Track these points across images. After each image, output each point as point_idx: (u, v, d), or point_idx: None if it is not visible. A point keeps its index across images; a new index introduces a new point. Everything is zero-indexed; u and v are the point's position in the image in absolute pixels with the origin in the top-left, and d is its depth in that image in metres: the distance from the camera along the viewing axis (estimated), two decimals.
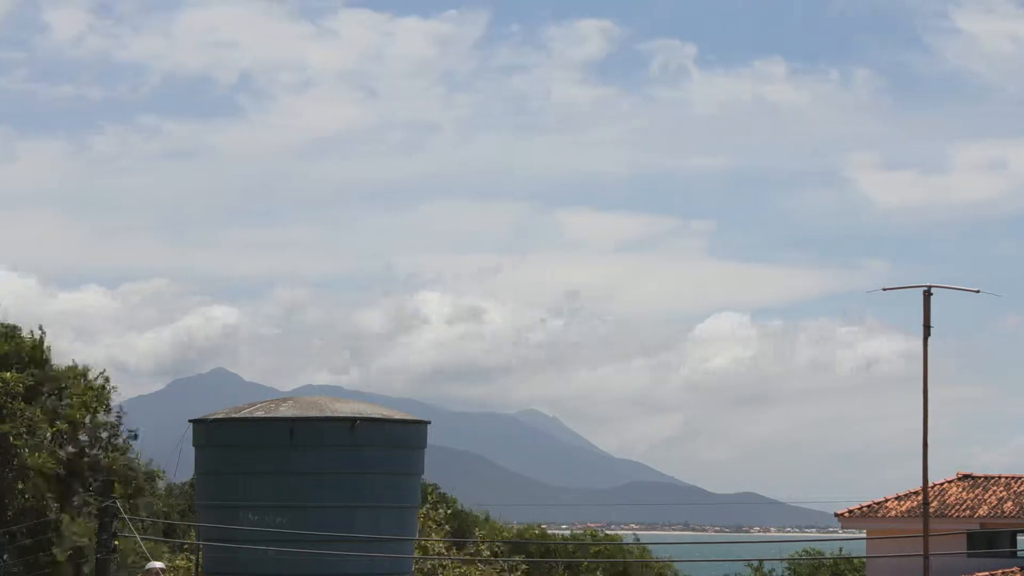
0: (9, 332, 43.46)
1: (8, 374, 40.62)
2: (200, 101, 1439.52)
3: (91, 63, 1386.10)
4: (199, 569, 33.93)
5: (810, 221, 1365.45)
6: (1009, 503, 48.70)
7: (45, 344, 43.52)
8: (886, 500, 50.60)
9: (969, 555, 46.84)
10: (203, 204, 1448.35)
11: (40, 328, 43.83)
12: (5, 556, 40.47)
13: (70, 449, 42.91)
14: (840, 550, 69.56)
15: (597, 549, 72.16)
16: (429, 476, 44.24)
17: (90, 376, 44.42)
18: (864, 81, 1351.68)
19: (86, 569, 41.36)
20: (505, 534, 71.83)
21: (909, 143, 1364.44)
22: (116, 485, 33.37)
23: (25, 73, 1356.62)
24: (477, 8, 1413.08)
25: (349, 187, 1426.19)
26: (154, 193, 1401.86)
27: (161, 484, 53.57)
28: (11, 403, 40.18)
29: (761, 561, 74.08)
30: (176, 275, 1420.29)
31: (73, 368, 44.00)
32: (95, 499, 38.27)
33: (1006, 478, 51.11)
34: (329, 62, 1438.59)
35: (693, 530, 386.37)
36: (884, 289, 30.73)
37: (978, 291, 31.02)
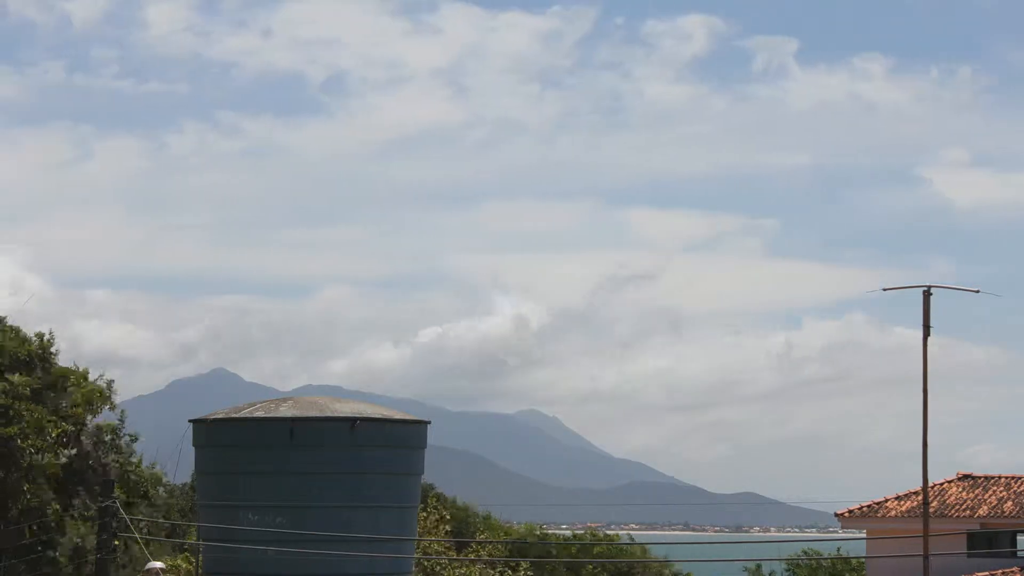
0: (16, 333, 43.45)
1: (16, 376, 40.61)
2: (287, 99, 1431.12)
3: (183, 60, 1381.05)
4: (199, 569, 33.94)
5: (881, 220, 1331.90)
6: (1009, 503, 48.70)
7: (52, 346, 43.50)
8: (886, 500, 50.60)
9: (969, 555, 46.83)
10: (265, 203, 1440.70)
11: (50, 332, 43.80)
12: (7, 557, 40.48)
13: (72, 451, 42.92)
14: (838, 550, 69.50)
15: (599, 550, 72.15)
16: (429, 476, 44.24)
17: (92, 377, 44.40)
18: (967, 79, 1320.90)
19: (87, 569, 41.38)
20: (507, 533, 71.81)
21: (1003, 142, 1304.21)
22: (117, 487, 33.36)
23: (115, 70, 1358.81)
24: (584, 4, 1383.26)
25: (415, 187, 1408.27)
26: (218, 192, 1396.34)
27: (162, 490, 53.51)
28: (17, 404, 40.18)
29: (759, 563, 74.02)
30: (215, 276, 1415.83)
31: (75, 371, 43.97)
32: (96, 499, 38.29)
33: (1006, 478, 51.12)
34: (425, 59, 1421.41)
35: (693, 530, 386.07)
36: (884, 289, 30.73)
37: (978, 291, 31.05)
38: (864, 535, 52.06)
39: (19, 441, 39.68)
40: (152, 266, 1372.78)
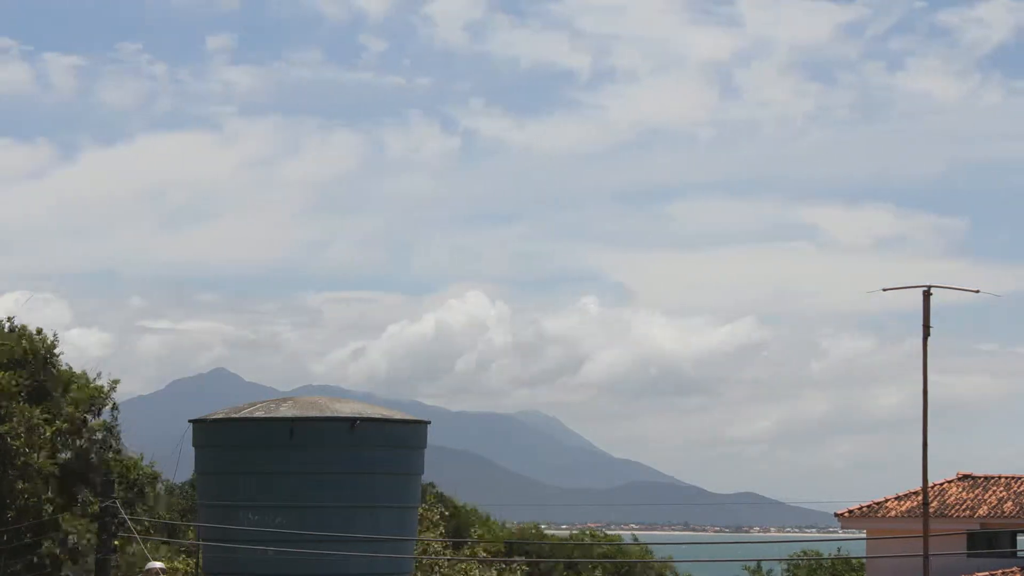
0: (14, 333, 43.44)
1: (2, 373, 40.59)
2: (540, 95, 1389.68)
3: (449, 54, 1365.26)
4: (199, 569, 33.94)
5: None
6: (1009, 503, 48.70)
7: (54, 346, 43.49)
8: (886, 500, 50.61)
9: (969, 555, 46.83)
10: (451, 204, 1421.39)
11: (54, 335, 43.79)
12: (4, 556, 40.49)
13: (68, 453, 42.93)
14: (838, 550, 69.56)
15: (600, 551, 72.14)
16: (429, 476, 44.27)
17: (91, 378, 44.40)
18: None
19: (84, 568, 41.38)
20: (503, 533, 71.82)
21: None
22: (116, 486, 33.36)
23: (367, 64, 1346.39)
24: None
25: (615, 185, 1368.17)
26: (413, 191, 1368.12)
27: (161, 487, 53.48)
28: (7, 403, 40.17)
29: (759, 562, 74.04)
30: (360, 276, 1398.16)
31: (75, 372, 43.98)
32: (95, 499, 38.28)
33: (1006, 478, 51.11)
34: (706, 52, 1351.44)
35: (693, 530, 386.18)
36: (884, 289, 30.62)
37: (978, 291, 30.99)
38: (864, 535, 52.07)
39: (10, 440, 39.67)
40: (300, 268, 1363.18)
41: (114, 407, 44.20)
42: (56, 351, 43.49)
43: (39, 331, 43.61)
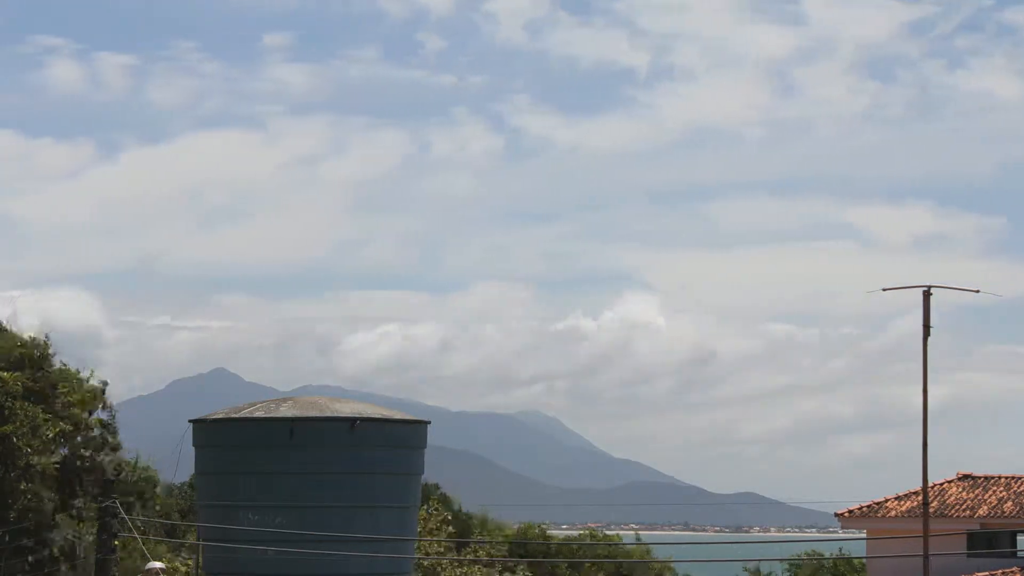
0: (10, 334, 43.45)
1: (7, 374, 40.61)
2: (593, 94, 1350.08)
3: (507, 52, 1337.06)
4: (199, 570, 33.94)
5: None
6: (1009, 503, 48.71)
7: (49, 347, 43.48)
8: (886, 500, 50.62)
9: (969, 555, 46.84)
10: (487, 204, 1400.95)
11: (46, 335, 43.77)
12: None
13: (68, 451, 42.92)
14: (840, 550, 69.57)
15: (600, 552, 72.07)
16: (429, 476, 44.24)
17: (87, 377, 44.37)
18: None
19: (86, 569, 41.37)
20: (505, 533, 71.79)
21: None
22: (116, 485, 33.36)
23: (421, 60, 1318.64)
24: None
25: (651, 186, 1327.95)
26: (451, 192, 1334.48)
27: (159, 487, 53.46)
28: (12, 403, 40.18)
29: (759, 563, 74.05)
30: (387, 276, 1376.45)
31: (72, 371, 43.95)
32: (94, 499, 38.27)
33: (1006, 478, 51.13)
34: (767, 51, 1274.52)
35: (693, 530, 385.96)
36: (884, 289, 30.61)
37: (978, 291, 30.99)
38: (864, 535, 52.09)
39: (15, 440, 39.69)
40: (332, 269, 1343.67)
41: (108, 407, 44.15)
42: (50, 351, 43.49)
43: (33, 337, 43.58)
